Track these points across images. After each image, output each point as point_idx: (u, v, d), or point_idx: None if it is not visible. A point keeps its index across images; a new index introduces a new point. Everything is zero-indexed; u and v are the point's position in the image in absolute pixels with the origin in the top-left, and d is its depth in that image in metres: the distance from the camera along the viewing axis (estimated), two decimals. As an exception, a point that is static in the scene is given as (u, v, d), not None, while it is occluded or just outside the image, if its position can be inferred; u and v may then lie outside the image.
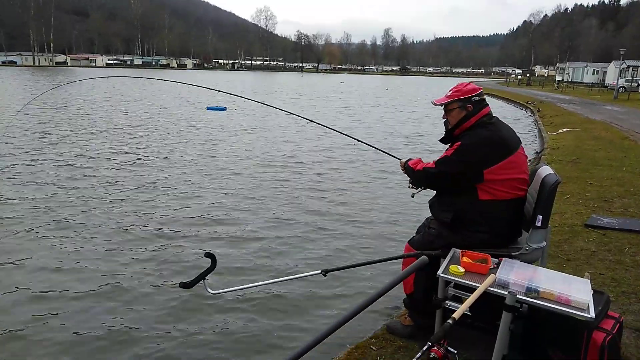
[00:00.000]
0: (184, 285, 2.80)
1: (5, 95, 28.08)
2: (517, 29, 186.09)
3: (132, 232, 6.08)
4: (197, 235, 6.07)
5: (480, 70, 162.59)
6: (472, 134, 2.87)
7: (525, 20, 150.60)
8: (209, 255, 2.77)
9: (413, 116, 22.90)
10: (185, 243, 5.79)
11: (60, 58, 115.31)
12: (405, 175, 3.22)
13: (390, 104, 31.03)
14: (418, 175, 3.07)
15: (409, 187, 3.25)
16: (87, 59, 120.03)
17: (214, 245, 5.68)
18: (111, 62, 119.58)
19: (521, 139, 3.04)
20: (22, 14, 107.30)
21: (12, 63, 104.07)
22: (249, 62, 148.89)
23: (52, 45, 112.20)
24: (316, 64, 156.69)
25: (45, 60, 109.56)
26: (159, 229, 6.23)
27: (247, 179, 9.18)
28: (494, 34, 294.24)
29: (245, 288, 3.68)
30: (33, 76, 55.18)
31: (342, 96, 37.89)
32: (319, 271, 3.00)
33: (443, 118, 3.08)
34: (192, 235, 6.05)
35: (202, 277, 2.82)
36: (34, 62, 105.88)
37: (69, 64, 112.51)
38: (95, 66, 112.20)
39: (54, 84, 31.30)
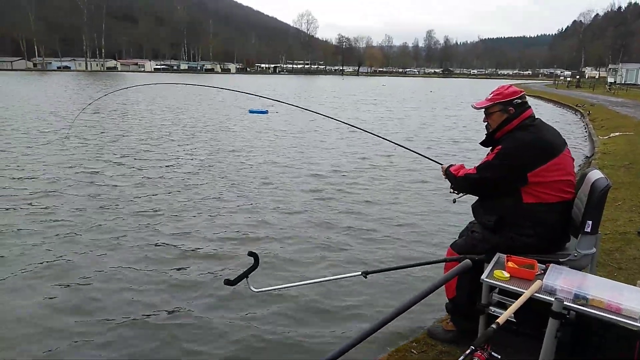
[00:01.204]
0: (229, 283, 2.87)
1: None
2: (566, 29, 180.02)
3: (179, 233, 6.28)
4: (240, 236, 6.21)
5: (527, 72, 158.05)
6: (514, 137, 2.82)
7: (575, 20, 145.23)
8: (252, 254, 2.82)
9: (457, 120, 22.49)
10: (229, 242, 5.95)
11: (111, 63, 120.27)
12: (447, 180, 3.19)
13: (433, 107, 30.59)
14: (460, 182, 3.06)
15: (450, 192, 3.23)
16: (136, 64, 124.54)
17: (256, 245, 5.78)
18: (159, 67, 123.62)
19: (570, 143, 2.96)
20: (75, 21, 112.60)
21: (67, 68, 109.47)
22: (290, 65, 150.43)
23: (103, 50, 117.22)
24: (357, 67, 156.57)
25: (97, 65, 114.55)
26: (204, 229, 6.41)
27: (288, 181, 9.29)
28: (541, 35, 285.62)
29: (286, 287, 3.74)
30: (84, 81, 57.64)
31: (384, 99, 37.69)
32: (360, 272, 3.01)
33: (484, 121, 3.05)
34: (235, 236, 6.20)
35: (245, 275, 2.87)
36: (86, 67, 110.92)
37: (119, 69, 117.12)
38: (144, 71, 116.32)
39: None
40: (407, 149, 4.36)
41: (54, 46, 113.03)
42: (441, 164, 3.35)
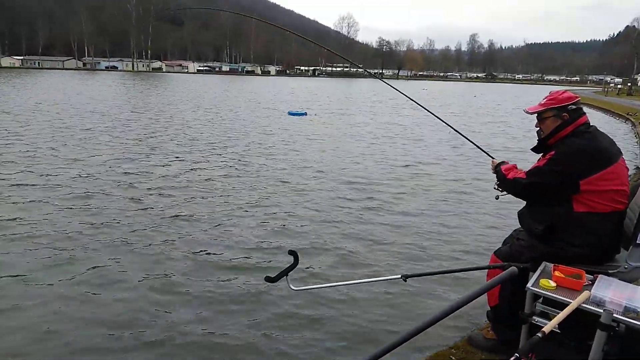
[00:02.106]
0: (269, 280, 2.92)
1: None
2: (617, 34, 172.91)
3: (219, 232, 6.43)
4: (280, 235, 6.32)
5: (575, 78, 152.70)
6: (567, 143, 2.74)
7: (627, 25, 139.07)
8: (292, 252, 2.86)
9: (505, 127, 21.97)
10: (270, 241, 6.06)
11: (156, 64, 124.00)
12: (495, 176, 3.11)
13: (478, 113, 30.02)
14: (509, 184, 2.98)
15: (495, 188, 3.17)
16: (180, 65, 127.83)
17: (297, 245, 5.85)
18: (202, 68, 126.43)
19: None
20: (124, 23, 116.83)
21: (114, 68, 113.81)
22: (329, 68, 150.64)
23: (149, 52, 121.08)
24: (396, 70, 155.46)
25: (143, 66, 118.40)
26: (245, 229, 6.56)
27: (329, 183, 9.35)
28: (591, 40, 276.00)
29: (326, 287, 3.77)
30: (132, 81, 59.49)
31: (425, 104, 37.19)
32: (400, 276, 3.00)
33: (536, 127, 2.98)
34: (275, 235, 6.31)
35: (285, 273, 2.91)
36: (133, 68, 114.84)
37: (163, 70, 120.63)
38: (188, 72, 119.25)
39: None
40: (462, 135, 4.07)
41: (103, 47, 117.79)
42: (493, 158, 3.28)
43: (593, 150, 2.69)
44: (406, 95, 4.11)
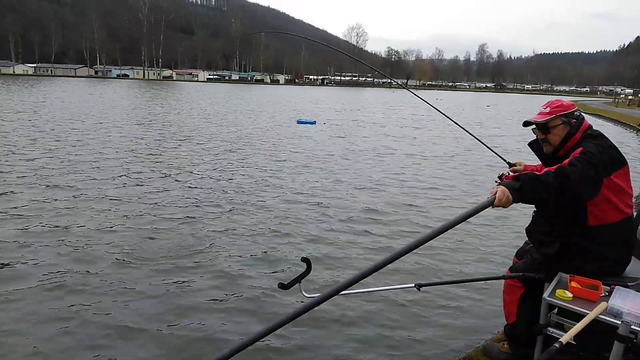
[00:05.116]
0: (282, 287, 2.92)
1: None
2: (628, 45, 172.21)
3: (235, 239, 6.47)
4: (294, 243, 6.35)
5: (585, 88, 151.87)
6: (589, 144, 2.62)
7: (638, 36, 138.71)
8: (305, 260, 2.86)
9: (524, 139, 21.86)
10: (283, 249, 6.10)
11: (167, 72, 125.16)
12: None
13: (498, 125, 29.93)
14: (549, 179, 2.34)
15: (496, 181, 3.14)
16: (191, 73, 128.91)
17: (310, 252, 5.87)
18: (211, 77, 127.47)
19: (630, 164, 2.81)
20: (136, 32, 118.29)
21: (125, 76, 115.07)
22: (338, 77, 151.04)
23: (160, 60, 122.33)
24: (405, 80, 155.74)
25: (154, 74, 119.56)
26: (259, 236, 6.60)
27: (342, 191, 9.37)
28: (601, 51, 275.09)
29: (338, 295, 3.75)
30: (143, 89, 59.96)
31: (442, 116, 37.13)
32: (413, 284, 2.99)
33: (539, 138, 2.89)
34: (289, 243, 6.34)
35: (298, 280, 2.91)
36: (144, 76, 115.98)
37: (174, 78, 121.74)
38: (197, 80, 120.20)
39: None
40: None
41: (114, 55, 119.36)
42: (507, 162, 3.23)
43: (610, 149, 2.64)
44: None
